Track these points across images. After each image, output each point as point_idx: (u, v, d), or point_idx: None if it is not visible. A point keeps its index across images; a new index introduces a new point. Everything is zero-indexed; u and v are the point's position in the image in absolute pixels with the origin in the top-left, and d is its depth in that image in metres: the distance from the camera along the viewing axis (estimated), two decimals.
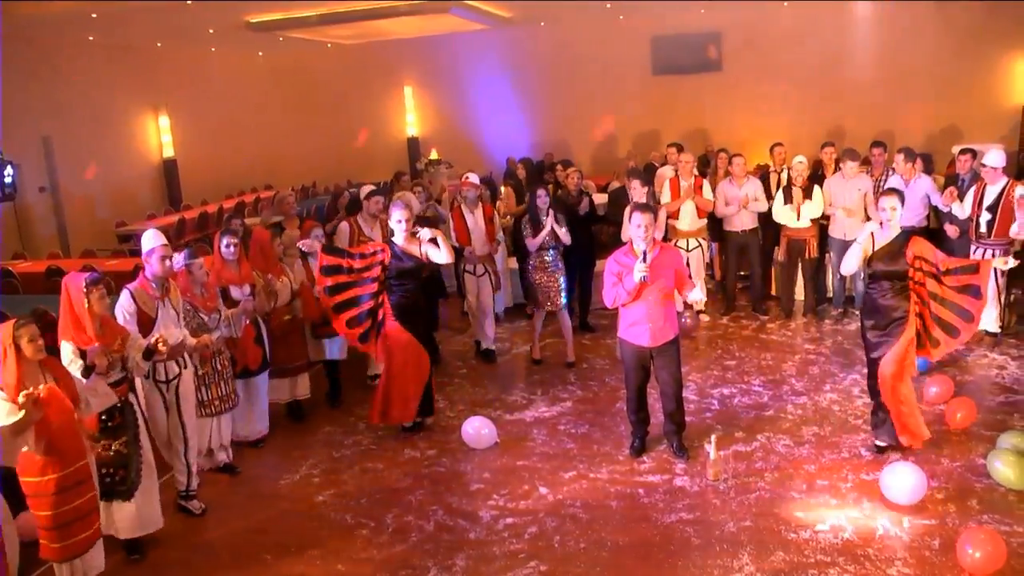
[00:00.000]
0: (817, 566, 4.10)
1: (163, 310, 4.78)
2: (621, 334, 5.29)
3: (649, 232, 4.99)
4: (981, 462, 4.99)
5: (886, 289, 4.98)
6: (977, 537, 3.97)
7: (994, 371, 6.58)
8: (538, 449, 5.68)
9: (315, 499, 5.17)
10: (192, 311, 5.13)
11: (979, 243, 6.96)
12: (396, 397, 5.83)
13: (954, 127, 12.79)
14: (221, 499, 5.24)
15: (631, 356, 5.26)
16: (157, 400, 4.81)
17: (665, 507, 4.77)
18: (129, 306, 4.68)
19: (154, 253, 4.74)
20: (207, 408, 5.26)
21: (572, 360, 7.30)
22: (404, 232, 5.75)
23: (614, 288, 5.09)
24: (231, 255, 5.62)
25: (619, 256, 5.16)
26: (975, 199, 6.95)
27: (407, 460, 5.63)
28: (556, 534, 4.56)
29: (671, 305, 5.22)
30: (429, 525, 4.75)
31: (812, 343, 7.54)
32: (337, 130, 16.52)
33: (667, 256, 5.13)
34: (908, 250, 4.88)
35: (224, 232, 5.71)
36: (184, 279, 5.12)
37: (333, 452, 5.84)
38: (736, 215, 8.18)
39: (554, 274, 7.03)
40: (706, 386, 6.63)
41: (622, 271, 5.06)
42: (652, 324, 5.09)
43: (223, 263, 5.60)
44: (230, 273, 5.61)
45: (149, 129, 14.65)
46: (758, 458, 5.31)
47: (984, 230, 6.89)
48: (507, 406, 6.49)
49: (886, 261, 4.95)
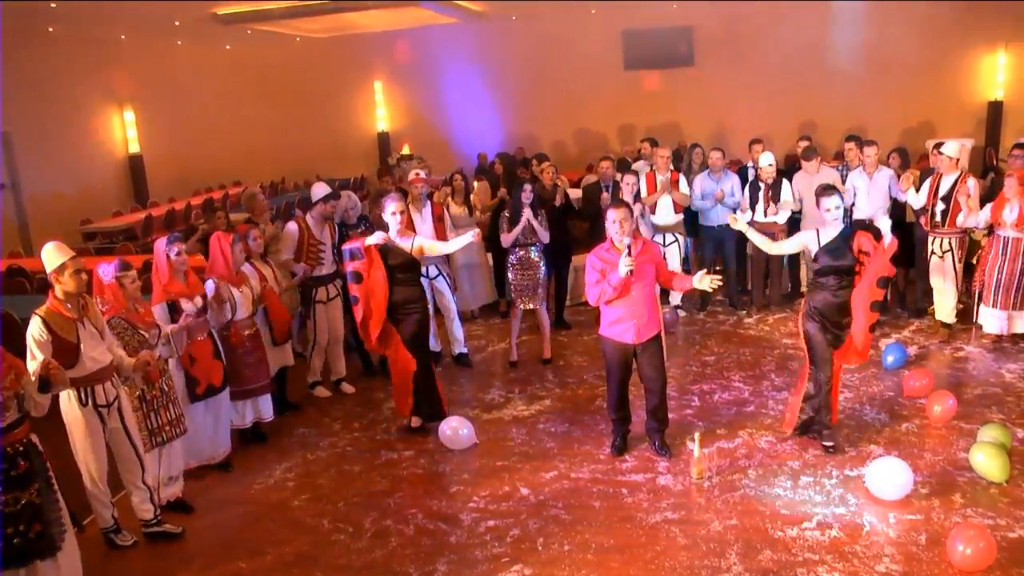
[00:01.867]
0: (805, 564, 4.05)
1: (84, 332, 4.16)
2: (603, 332, 5.21)
3: (625, 227, 4.92)
4: (963, 456, 4.98)
5: (833, 284, 4.98)
6: (967, 534, 3.94)
7: (970, 364, 6.60)
8: (517, 449, 5.58)
9: (290, 504, 5.02)
10: (130, 328, 4.55)
11: (935, 232, 7.05)
12: (398, 391, 5.86)
13: (924, 122, 12.92)
14: (194, 504, 5.04)
15: (614, 354, 5.18)
16: (98, 428, 4.29)
17: (649, 507, 4.70)
18: (41, 335, 4.01)
19: (66, 268, 4.09)
20: (157, 436, 4.68)
21: (548, 357, 7.21)
22: (399, 225, 5.62)
23: (597, 285, 5.01)
24: (182, 264, 5.05)
25: (600, 252, 5.08)
26: (931, 189, 7.03)
27: (384, 462, 5.50)
28: (539, 536, 4.46)
29: (654, 301, 5.15)
30: (409, 529, 4.63)
31: (790, 338, 7.51)
32: (306, 125, 16.27)
33: (647, 251, 5.08)
34: (853, 243, 4.92)
35: (172, 239, 5.06)
36: (115, 293, 4.55)
37: (308, 454, 5.69)
38: (712, 209, 8.13)
39: (535, 271, 6.93)
40: (686, 382, 6.57)
41: (605, 267, 4.98)
42: (636, 320, 5.03)
43: (171, 274, 5.00)
44: (178, 285, 5.01)
45: (114, 124, 14.31)
46: (741, 455, 5.26)
47: (939, 219, 6.97)
48: (484, 405, 6.38)
49: (833, 255, 4.97)
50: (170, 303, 4.95)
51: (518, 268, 6.94)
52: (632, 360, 5.19)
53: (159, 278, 5.00)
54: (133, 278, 4.62)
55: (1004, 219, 6.41)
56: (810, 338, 5.12)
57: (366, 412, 6.38)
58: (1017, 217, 6.30)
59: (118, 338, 4.46)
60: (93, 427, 4.29)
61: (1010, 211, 6.36)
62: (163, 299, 4.94)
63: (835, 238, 5.00)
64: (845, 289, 4.98)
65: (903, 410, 5.77)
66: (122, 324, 4.53)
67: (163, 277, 5.00)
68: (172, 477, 4.96)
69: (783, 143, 11.11)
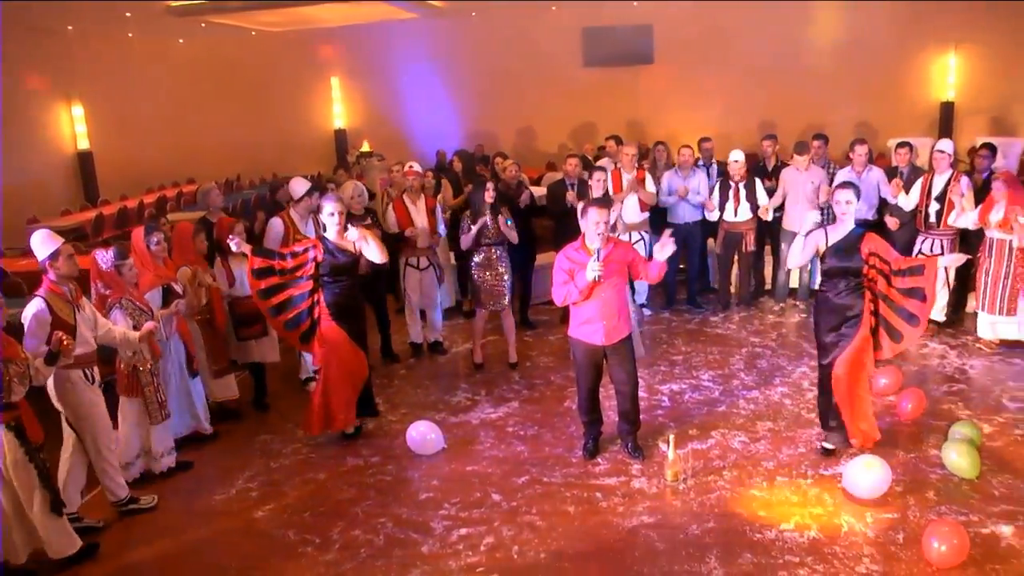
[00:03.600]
0: (786, 567, 4.00)
1: (80, 315, 4.51)
2: (572, 333, 5.08)
3: (606, 228, 4.82)
4: (935, 453, 4.99)
5: (840, 287, 4.84)
6: (941, 530, 3.95)
7: (936, 360, 6.66)
8: (487, 453, 5.45)
9: (254, 515, 4.81)
10: (137, 308, 4.99)
11: (927, 233, 7.02)
12: (337, 402, 5.55)
13: (880, 122, 13.08)
14: (151, 519, 4.84)
15: (583, 355, 5.07)
16: (102, 402, 4.69)
17: (625, 511, 4.61)
18: (43, 315, 4.31)
19: (60, 253, 4.43)
20: (164, 409, 5.16)
21: (514, 361, 7.07)
22: (337, 226, 5.46)
23: (565, 286, 4.90)
24: (161, 252, 5.44)
25: (570, 252, 4.96)
26: (923, 190, 7.00)
27: (350, 469, 5.32)
28: (514, 544, 4.34)
29: (624, 301, 5.07)
30: (379, 539, 4.46)
31: (757, 336, 7.51)
32: (262, 121, 15.90)
33: (619, 251, 4.96)
34: (863, 246, 4.78)
35: (150, 229, 5.46)
36: (114, 279, 4.96)
37: (271, 463, 5.48)
38: (678, 205, 8.10)
39: (501, 273, 6.81)
40: (654, 383, 6.51)
41: (573, 268, 4.87)
42: (606, 322, 4.92)
43: (154, 261, 5.39)
44: (166, 270, 5.48)
45: (61, 119, 13.80)
46: (715, 456, 5.20)
47: (933, 220, 6.94)
48: (451, 408, 6.24)
49: (840, 257, 4.83)
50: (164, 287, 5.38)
51: (483, 269, 6.81)
52: (602, 361, 5.09)
53: (145, 266, 5.29)
54: (130, 266, 5.01)
55: (990, 220, 6.41)
56: (816, 334, 5.05)
57: None
58: (1002, 218, 6.28)
59: (129, 317, 4.91)
60: (100, 404, 4.65)
61: (996, 212, 6.37)
62: (156, 284, 5.31)
63: (845, 238, 4.83)
64: (851, 292, 4.82)
65: (873, 408, 5.75)
66: (130, 305, 4.97)
67: (148, 266, 5.32)
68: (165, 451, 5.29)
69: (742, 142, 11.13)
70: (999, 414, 5.60)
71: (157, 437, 5.21)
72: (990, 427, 5.35)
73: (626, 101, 14.89)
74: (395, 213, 7.09)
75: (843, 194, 4.87)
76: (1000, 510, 4.42)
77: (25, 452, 4.08)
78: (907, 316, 4.76)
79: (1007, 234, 6.28)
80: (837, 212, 4.93)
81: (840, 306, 4.86)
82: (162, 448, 5.26)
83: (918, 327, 4.80)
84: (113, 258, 4.94)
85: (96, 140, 14.16)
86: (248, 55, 15.91)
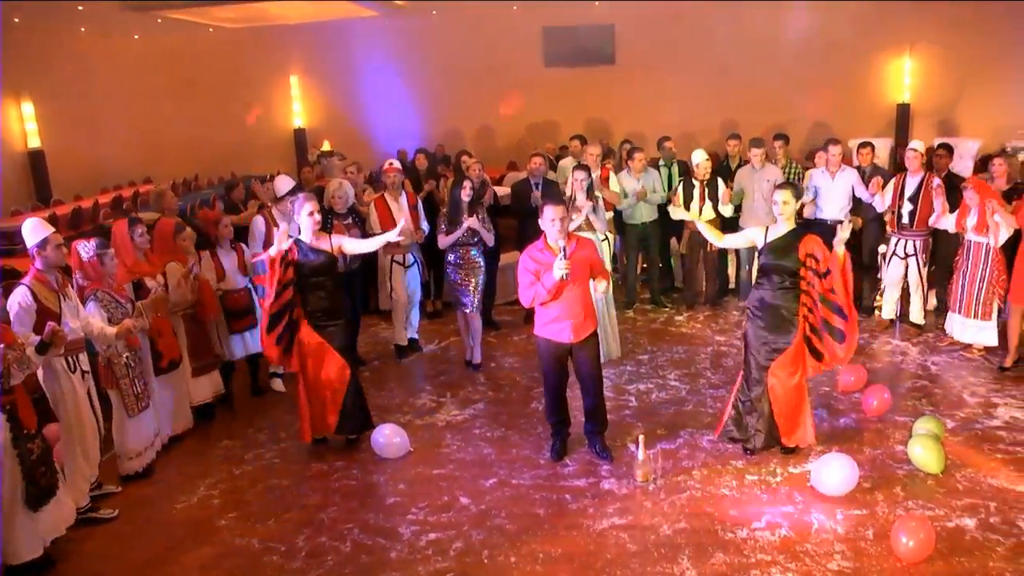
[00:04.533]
0: (758, 566, 3.98)
1: (66, 303, 4.58)
2: (538, 331, 5.03)
3: (564, 225, 4.77)
4: (900, 449, 5.04)
5: (774, 284, 4.87)
6: (909, 525, 3.99)
7: (898, 357, 6.74)
8: (454, 456, 5.37)
9: (216, 523, 4.66)
10: (114, 300, 4.95)
11: (901, 234, 7.06)
12: (316, 408, 5.38)
13: (838, 122, 13.21)
14: (109, 529, 4.65)
15: (549, 355, 5.02)
16: (84, 394, 4.67)
17: (595, 512, 4.56)
18: (28, 302, 4.38)
19: (49, 242, 4.54)
20: (142, 401, 5.10)
21: (478, 362, 6.98)
22: (315, 226, 5.29)
23: (532, 287, 4.83)
24: (144, 244, 5.48)
25: (534, 252, 4.90)
26: (895, 191, 7.04)
27: (315, 474, 5.20)
28: (484, 548, 4.27)
29: (590, 299, 5.02)
30: (345, 546, 4.35)
31: (722, 335, 7.53)
32: (220, 120, 15.57)
33: (582, 248, 4.92)
34: (800, 246, 4.78)
35: (133, 221, 5.50)
36: (96, 269, 4.90)
37: (233, 469, 5.32)
38: (635, 207, 8.09)
39: (474, 273, 6.75)
40: (621, 382, 6.48)
41: (539, 269, 4.81)
42: (573, 320, 4.89)
43: (135, 254, 5.40)
44: (144, 264, 5.46)
45: (10, 116, 13.30)
46: (684, 455, 5.18)
47: (906, 221, 6.98)
48: (416, 410, 6.14)
49: (777, 255, 4.85)
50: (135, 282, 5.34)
51: (458, 268, 6.73)
52: (568, 360, 5.06)
53: (124, 259, 5.24)
54: (112, 255, 4.97)
55: (966, 225, 6.46)
56: (748, 336, 5.04)
57: (294, 420, 5.96)
58: (977, 222, 6.35)
59: (104, 309, 4.84)
60: (81, 394, 4.63)
61: (970, 218, 6.42)
62: (128, 279, 5.27)
63: (782, 236, 4.87)
64: (786, 291, 4.84)
65: (839, 405, 5.83)
66: (107, 297, 4.90)
67: (128, 258, 5.30)
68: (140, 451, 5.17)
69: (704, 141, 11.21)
70: (960, 409, 5.68)
71: (131, 435, 5.09)
72: (952, 422, 5.42)
73: (587, 101, 14.86)
74: (376, 212, 6.97)
75: (780, 194, 4.88)
76: (964, 504, 4.48)
77: (13, 438, 4.00)
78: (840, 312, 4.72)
79: (983, 237, 6.35)
80: (775, 212, 4.93)
81: (773, 305, 4.88)
82: (135, 447, 5.14)
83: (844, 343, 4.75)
84: (95, 247, 4.89)
85: (48, 138, 13.69)
86: (205, 52, 15.56)
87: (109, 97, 14.50)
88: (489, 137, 15.80)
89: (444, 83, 15.41)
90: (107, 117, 14.44)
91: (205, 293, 5.80)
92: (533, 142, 14.32)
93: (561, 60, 15.20)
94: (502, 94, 15.26)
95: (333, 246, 5.31)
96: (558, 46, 15.23)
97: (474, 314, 6.83)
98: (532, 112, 15.21)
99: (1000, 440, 5.22)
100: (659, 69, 14.34)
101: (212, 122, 15.46)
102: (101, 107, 14.43)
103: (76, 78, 14.10)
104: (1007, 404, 5.73)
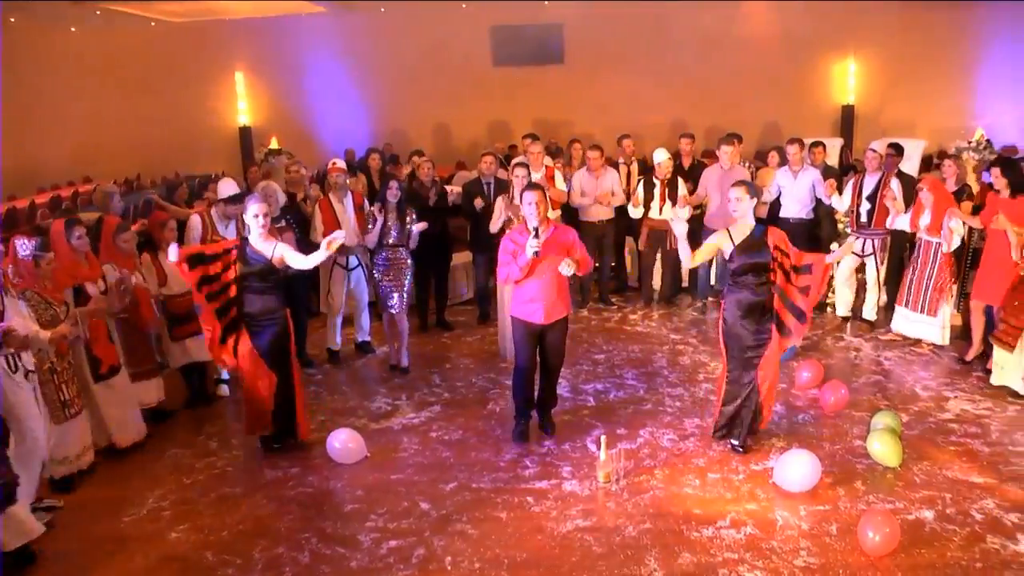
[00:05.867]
0: (726, 564, 3.95)
1: (9, 300, 4.37)
2: (513, 312, 5.30)
3: (541, 209, 5.01)
4: (859, 443, 5.09)
5: (752, 282, 4.90)
6: (875, 520, 4.01)
7: (852, 353, 6.82)
8: (412, 460, 5.24)
9: (167, 536, 4.44)
10: (43, 302, 4.68)
11: (860, 232, 7.15)
12: (255, 407, 5.24)
13: (786, 122, 13.42)
14: (50, 549, 4.34)
15: (522, 334, 5.26)
16: (31, 394, 4.44)
17: (558, 515, 4.48)
18: None
19: None
20: (69, 408, 4.80)
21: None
22: (262, 229, 5.11)
23: (508, 266, 5.17)
24: (83, 247, 5.21)
25: (514, 235, 5.23)
26: (854, 190, 7.15)
27: (269, 482, 5.01)
28: (447, 555, 4.15)
29: (564, 283, 5.24)
30: (304, 556, 4.19)
31: (677, 333, 7.54)
32: (162, 118, 15.10)
33: (561, 235, 5.17)
34: (769, 239, 4.87)
35: (71, 222, 5.24)
36: (28, 270, 4.68)
37: (183, 478, 5.09)
38: (592, 205, 8.06)
39: (400, 273, 6.64)
40: (578, 382, 6.43)
41: (517, 249, 5.12)
42: (545, 302, 5.14)
43: (73, 256, 5.12)
44: (84, 268, 5.19)
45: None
46: (645, 455, 5.14)
47: (864, 220, 7.09)
48: (371, 414, 5.99)
49: (750, 254, 4.89)
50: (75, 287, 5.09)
51: (384, 269, 6.63)
52: (539, 340, 5.27)
53: (61, 261, 5.00)
54: (49, 260, 4.77)
55: (919, 224, 6.59)
56: (729, 338, 5.02)
57: None
58: (930, 222, 6.48)
59: (32, 310, 4.57)
60: (27, 395, 4.40)
61: (924, 217, 6.55)
62: (68, 284, 5.04)
63: (748, 236, 4.90)
64: (764, 286, 4.90)
65: (796, 401, 5.86)
66: (36, 297, 4.64)
67: (64, 260, 5.05)
68: (67, 458, 4.90)
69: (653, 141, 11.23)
70: (914, 403, 5.77)
71: (56, 442, 4.77)
72: (907, 416, 5.49)
73: (537, 100, 14.82)
74: (321, 213, 6.76)
75: (734, 192, 4.94)
76: (922, 496, 4.53)
77: None
78: (797, 313, 4.85)
79: (935, 237, 6.49)
80: (730, 208, 4.99)
81: (757, 302, 4.91)
82: (60, 454, 4.84)
83: (805, 324, 4.90)
84: (33, 248, 4.69)
85: None
86: (147, 46, 15.07)
87: (44, 92, 13.93)
88: (439, 136, 15.66)
89: (392, 81, 15.23)
90: (43, 114, 13.87)
91: (142, 301, 5.53)
92: (482, 142, 14.24)
93: (510, 59, 15.12)
94: (451, 93, 15.12)
95: (275, 256, 5.14)
96: (507, 45, 15.15)
97: (401, 315, 6.73)
98: (482, 112, 15.10)
99: (952, 432, 5.31)
100: (608, 69, 14.37)
101: (154, 119, 14.99)
102: (36, 104, 13.84)
103: (8, 72, 13.50)
104: (957, 397, 5.84)
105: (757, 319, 4.91)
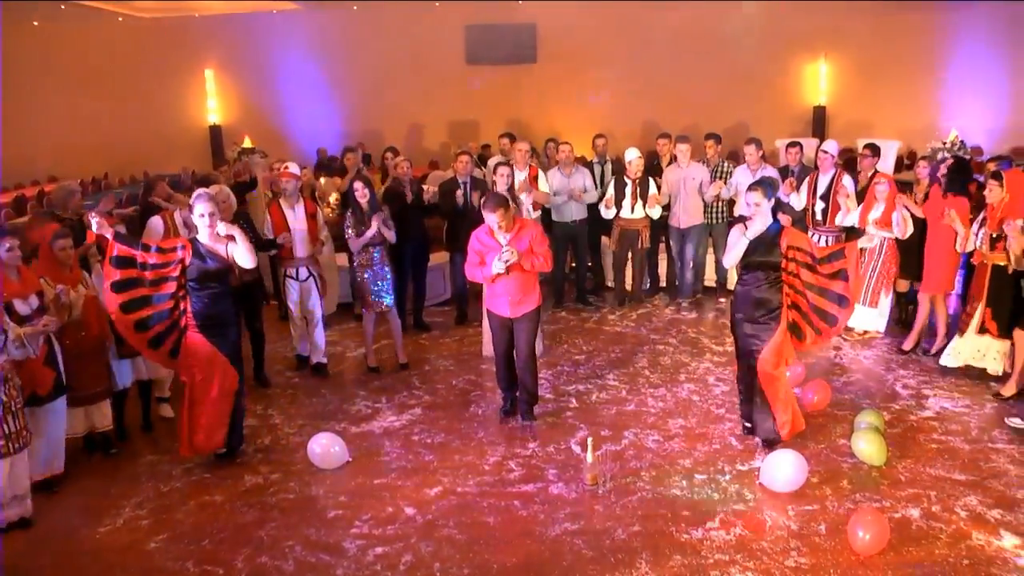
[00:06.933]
0: (717, 566, 3.94)
1: None
2: (487, 305, 5.68)
3: (503, 227, 5.27)
4: (843, 442, 5.10)
5: (760, 280, 4.94)
6: (865, 519, 4.02)
7: (832, 353, 6.85)
8: (394, 464, 5.16)
9: (146, 547, 4.31)
10: None
11: (815, 230, 7.24)
12: (201, 422, 5.04)
13: (759, 123, 13.49)
14: (23, 565, 4.19)
15: (496, 324, 5.62)
16: None
17: (547, 519, 4.43)
18: None
19: None
20: (14, 442, 4.36)
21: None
22: (209, 229, 5.00)
23: (475, 267, 5.45)
24: (15, 260, 4.65)
25: (481, 235, 5.44)
26: (809, 189, 7.22)
27: (250, 488, 4.89)
28: (435, 560, 4.09)
29: (531, 278, 5.50)
30: (288, 565, 4.10)
31: (657, 333, 7.52)
32: (130, 116, 14.82)
33: (526, 232, 5.41)
34: (782, 240, 4.89)
35: (1, 234, 4.69)
36: None
37: (161, 486, 4.96)
38: (565, 205, 8.03)
39: (381, 272, 6.55)
40: (560, 383, 6.39)
41: (483, 251, 5.37)
42: (511, 297, 5.44)
43: (5, 273, 4.60)
44: (13, 284, 4.63)
45: None
46: (631, 457, 5.11)
47: (820, 218, 7.19)
48: (351, 417, 5.90)
49: (761, 252, 4.92)
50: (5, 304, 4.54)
51: (363, 269, 6.55)
52: (511, 330, 5.56)
53: None
54: None
55: (868, 218, 6.68)
56: (735, 333, 5.16)
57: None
58: (880, 216, 6.59)
59: None
60: None
61: (875, 211, 6.65)
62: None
63: (763, 233, 4.93)
64: (771, 285, 4.92)
65: None
66: None
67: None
68: (17, 496, 4.48)
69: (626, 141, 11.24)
70: (895, 401, 5.81)
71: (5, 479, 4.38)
72: (888, 414, 5.52)
73: (510, 100, 14.82)
74: (271, 217, 6.55)
75: (751, 196, 5.00)
76: (908, 494, 4.56)
77: None
78: (837, 299, 4.85)
79: (885, 232, 6.59)
80: (749, 213, 5.05)
81: (759, 299, 4.95)
82: (11, 492, 4.42)
83: (848, 308, 4.91)
84: None
85: None
86: (114, 43, 14.80)
87: (9, 89, 13.58)
88: (412, 136, 15.56)
89: (365, 80, 15.13)
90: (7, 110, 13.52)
91: (89, 312, 5.09)
92: (455, 141, 14.16)
93: (483, 59, 15.10)
94: (425, 93, 15.03)
95: (227, 254, 5.05)
96: (480, 44, 15.13)
97: (393, 313, 6.69)
98: (455, 111, 15.04)
99: (934, 430, 5.35)
100: (581, 69, 14.41)
101: (122, 117, 14.72)
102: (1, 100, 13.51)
103: None
104: (936, 395, 5.89)
105: (757, 313, 4.95)
